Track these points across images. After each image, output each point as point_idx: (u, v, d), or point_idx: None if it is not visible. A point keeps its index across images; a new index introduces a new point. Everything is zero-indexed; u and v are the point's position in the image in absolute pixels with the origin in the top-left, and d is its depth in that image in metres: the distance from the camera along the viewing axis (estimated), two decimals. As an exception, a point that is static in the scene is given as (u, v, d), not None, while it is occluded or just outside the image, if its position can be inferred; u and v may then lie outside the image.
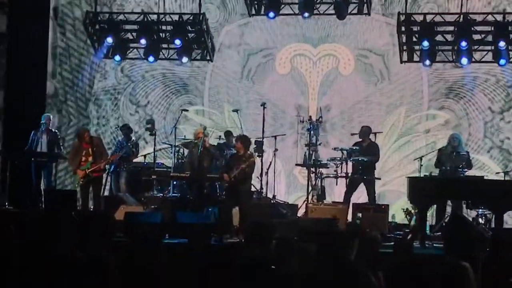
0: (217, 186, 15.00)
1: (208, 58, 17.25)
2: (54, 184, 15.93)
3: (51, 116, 16.45)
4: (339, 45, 17.61)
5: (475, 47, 16.02)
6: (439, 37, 16.11)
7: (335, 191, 15.75)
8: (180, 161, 15.74)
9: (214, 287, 5.73)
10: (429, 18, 15.92)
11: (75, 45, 18.35)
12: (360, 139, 15.37)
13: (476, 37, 15.89)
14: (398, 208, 15.47)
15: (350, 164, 15.02)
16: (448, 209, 14.41)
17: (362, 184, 15.03)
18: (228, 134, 16.25)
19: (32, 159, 15.33)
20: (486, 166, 16.55)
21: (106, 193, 15.53)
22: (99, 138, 15.56)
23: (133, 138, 16.05)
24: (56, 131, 16.36)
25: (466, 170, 14.36)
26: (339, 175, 15.00)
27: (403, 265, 6.98)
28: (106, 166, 15.02)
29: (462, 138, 15.17)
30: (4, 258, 5.21)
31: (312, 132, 15.17)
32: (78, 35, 18.26)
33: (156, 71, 18.15)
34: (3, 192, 15.98)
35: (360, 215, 14.02)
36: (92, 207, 14.82)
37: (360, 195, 15.21)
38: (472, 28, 15.78)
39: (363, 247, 6.58)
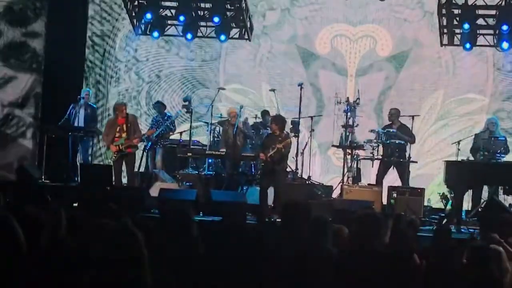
0: (252, 165, 15.00)
1: (246, 37, 17.17)
2: (90, 159, 16.00)
3: (91, 91, 16.49)
4: (377, 26, 17.48)
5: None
6: (480, 21, 15.92)
7: (371, 174, 15.66)
8: (215, 139, 15.76)
9: (247, 266, 5.69)
10: (470, 1, 15.72)
11: (108, 8, 18.28)
12: (390, 122, 15.27)
13: (518, 21, 15.69)
14: (432, 192, 15.39)
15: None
16: (484, 195, 14.29)
17: (392, 167, 14.96)
18: (264, 113, 16.21)
19: (70, 133, 15.42)
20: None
21: (142, 169, 15.59)
22: (134, 116, 15.56)
23: (169, 113, 16.05)
24: (95, 106, 16.43)
25: (504, 155, 14.19)
26: (375, 157, 14.91)
27: (440, 249, 6.94)
28: (140, 143, 15.05)
29: (499, 122, 15.00)
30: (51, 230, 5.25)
31: (349, 113, 15.07)
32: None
33: (171, 69, 18.10)
34: (39, 166, 16.09)
35: (394, 195, 13.96)
36: (125, 183, 14.90)
37: (396, 178, 15.11)
38: (514, 12, 15.59)
39: (402, 230, 6.56)
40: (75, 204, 11.64)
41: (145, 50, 18.07)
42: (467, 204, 13.85)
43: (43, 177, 15.42)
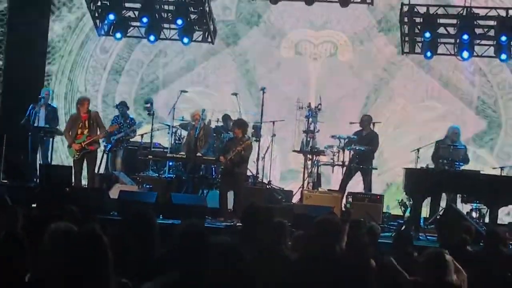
0: (213, 168, 14.98)
1: (209, 40, 17.15)
2: (50, 160, 15.85)
3: (51, 91, 16.36)
4: (338, 32, 17.58)
5: (477, 41, 15.98)
6: (441, 30, 16.07)
7: (332, 179, 15.73)
8: (177, 141, 15.71)
9: (208, 269, 5.70)
10: (432, 10, 15.86)
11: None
12: (360, 128, 15.36)
13: (479, 31, 15.84)
14: (391, 198, 15.50)
15: (347, 152, 14.98)
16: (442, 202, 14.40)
17: (359, 173, 15.03)
18: (226, 117, 16.19)
19: (30, 133, 15.27)
20: (484, 160, 16.59)
21: (102, 171, 15.48)
22: (97, 112, 15.41)
23: (131, 116, 15.95)
24: (56, 106, 16.27)
25: (462, 164, 14.32)
26: (336, 163, 14.97)
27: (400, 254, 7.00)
28: (101, 142, 14.92)
29: (461, 131, 15.13)
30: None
31: (310, 119, 15.13)
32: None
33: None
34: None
35: (350, 200, 14.07)
36: (86, 184, 14.78)
37: (359, 184, 15.19)
38: (475, 22, 15.73)
39: (359, 236, 6.60)
40: (34, 205, 11.56)
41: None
42: (425, 211, 13.96)
43: (0, 176, 15.26)
